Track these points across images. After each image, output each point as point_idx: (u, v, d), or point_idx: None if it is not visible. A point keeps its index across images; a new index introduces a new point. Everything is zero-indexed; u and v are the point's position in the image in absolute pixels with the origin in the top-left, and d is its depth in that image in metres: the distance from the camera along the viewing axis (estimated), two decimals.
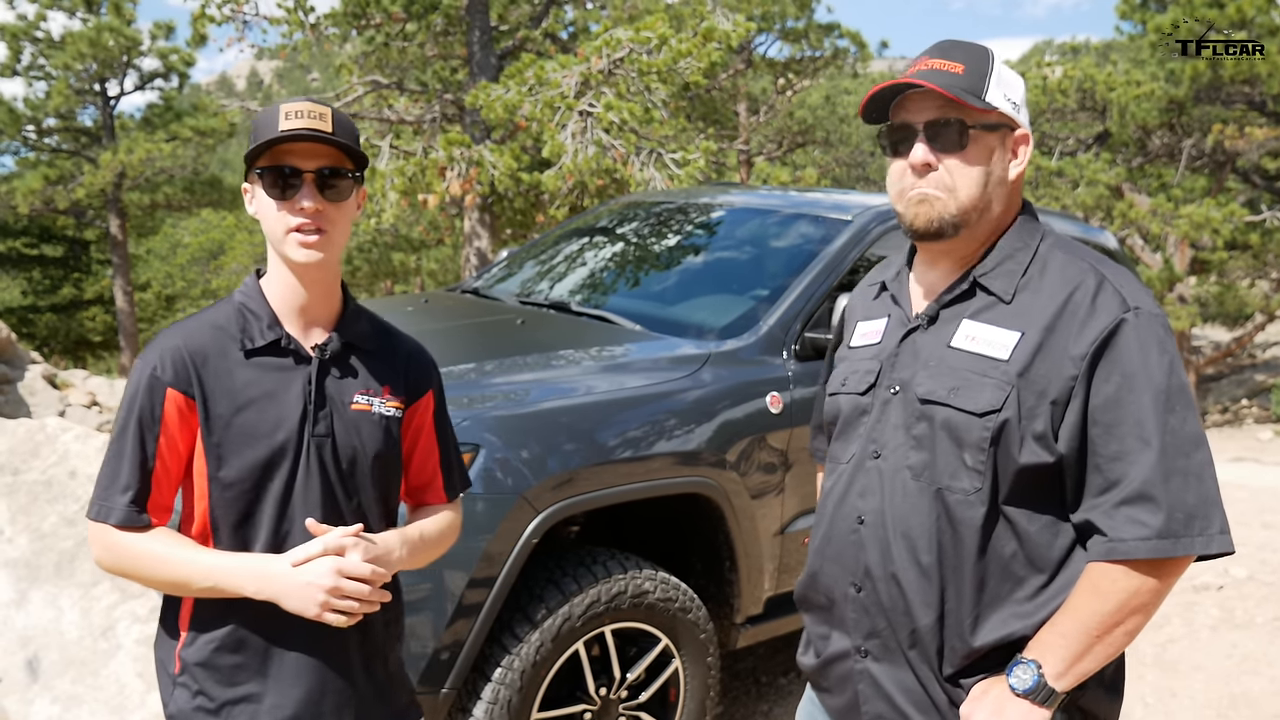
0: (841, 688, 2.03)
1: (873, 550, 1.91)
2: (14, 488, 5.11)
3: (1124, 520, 1.73)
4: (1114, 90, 17.29)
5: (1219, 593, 6.24)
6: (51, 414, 8.55)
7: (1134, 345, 1.75)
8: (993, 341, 1.82)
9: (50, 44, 24.01)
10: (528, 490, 3.33)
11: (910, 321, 1.97)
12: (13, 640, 4.38)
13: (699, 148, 12.66)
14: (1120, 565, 1.74)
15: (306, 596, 1.89)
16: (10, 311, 27.54)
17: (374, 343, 2.12)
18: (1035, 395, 1.77)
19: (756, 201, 5.38)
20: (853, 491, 1.97)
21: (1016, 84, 1.90)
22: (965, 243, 1.92)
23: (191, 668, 1.98)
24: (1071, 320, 1.78)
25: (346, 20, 15.45)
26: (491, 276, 5.60)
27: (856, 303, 2.21)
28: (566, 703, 3.56)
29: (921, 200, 1.87)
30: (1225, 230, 15.59)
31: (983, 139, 1.85)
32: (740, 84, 26.09)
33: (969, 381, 1.82)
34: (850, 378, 2.06)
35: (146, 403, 1.91)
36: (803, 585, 2.12)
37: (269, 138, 1.88)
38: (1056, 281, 1.84)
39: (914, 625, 1.87)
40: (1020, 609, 1.84)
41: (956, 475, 1.83)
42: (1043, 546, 1.83)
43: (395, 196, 13.02)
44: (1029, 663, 1.78)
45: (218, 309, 2.02)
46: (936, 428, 1.85)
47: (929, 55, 1.90)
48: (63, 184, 23.78)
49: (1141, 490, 1.71)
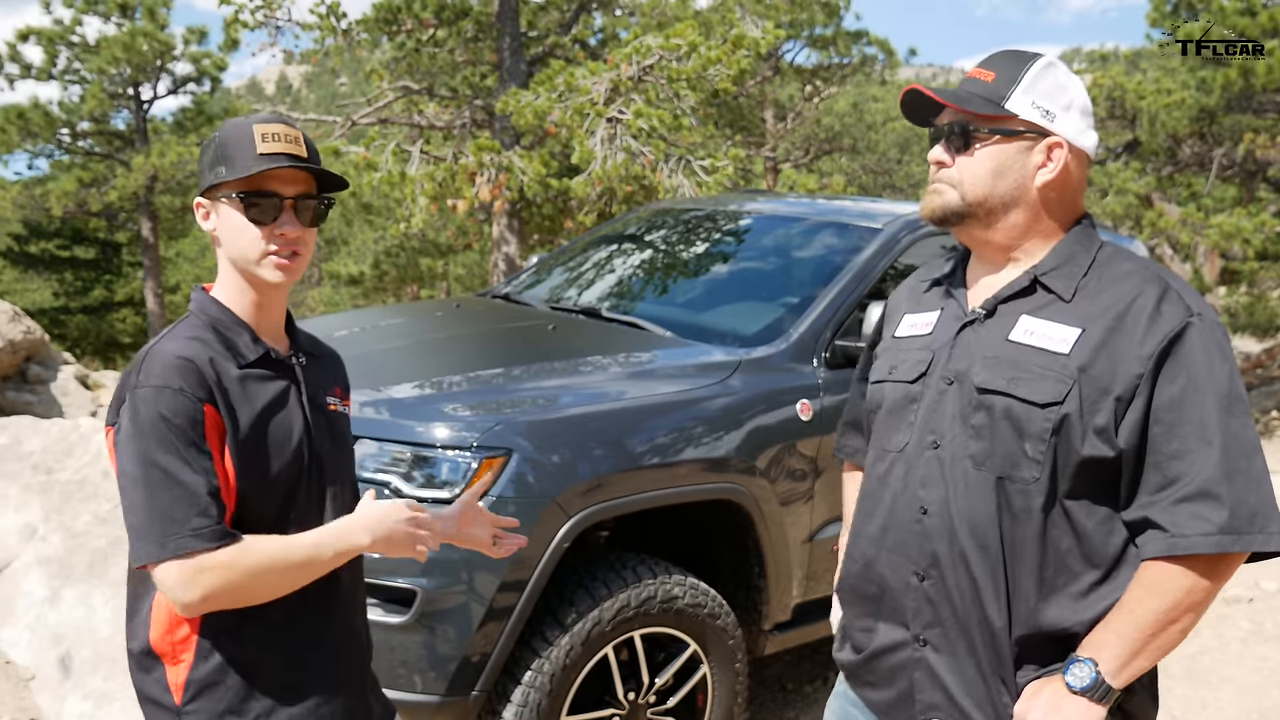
0: (891, 680, 2.04)
1: (940, 540, 1.93)
2: (48, 487, 5.17)
3: (1186, 516, 1.76)
4: (1144, 98, 17.17)
5: (1249, 605, 6.20)
6: (84, 414, 8.63)
7: (1199, 349, 1.81)
8: (1052, 336, 1.88)
9: (85, 48, 24.23)
10: (559, 495, 3.35)
11: (967, 315, 2.02)
12: (46, 638, 4.43)
13: (728, 155, 12.66)
14: (1178, 563, 1.77)
15: (406, 532, 1.97)
16: (42, 313, 27.77)
17: (314, 349, 2.17)
18: (1098, 390, 1.82)
19: (785, 209, 5.39)
20: (913, 481, 1.99)
21: (1063, 92, 1.95)
22: (999, 239, 2.00)
23: (210, 690, 1.92)
24: (1137, 320, 1.83)
25: (378, 26, 15.52)
26: (521, 282, 5.63)
27: (902, 297, 2.26)
28: (595, 706, 3.58)
29: (932, 191, 2.01)
30: (1256, 240, 15.45)
31: (993, 142, 1.94)
32: (768, 91, 26.07)
33: (1029, 373, 1.87)
34: (899, 366, 2.09)
35: (185, 422, 1.82)
36: (852, 575, 2.12)
37: (257, 167, 1.89)
38: (1120, 284, 1.89)
39: (983, 614, 1.90)
40: (1074, 604, 1.87)
41: (1017, 465, 1.86)
42: (1098, 543, 1.87)
43: (424, 201, 13.06)
44: (1086, 660, 1.81)
45: (186, 328, 1.97)
46: (996, 417, 1.89)
47: (978, 65, 2.02)
48: (96, 187, 24.00)
49: (1204, 487, 1.76)
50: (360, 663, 2.13)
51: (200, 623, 1.91)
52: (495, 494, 3.27)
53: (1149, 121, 17.40)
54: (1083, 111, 1.97)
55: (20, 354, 8.71)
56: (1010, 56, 1.98)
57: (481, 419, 3.41)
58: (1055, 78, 1.95)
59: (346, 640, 2.08)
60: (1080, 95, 1.97)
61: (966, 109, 1.93)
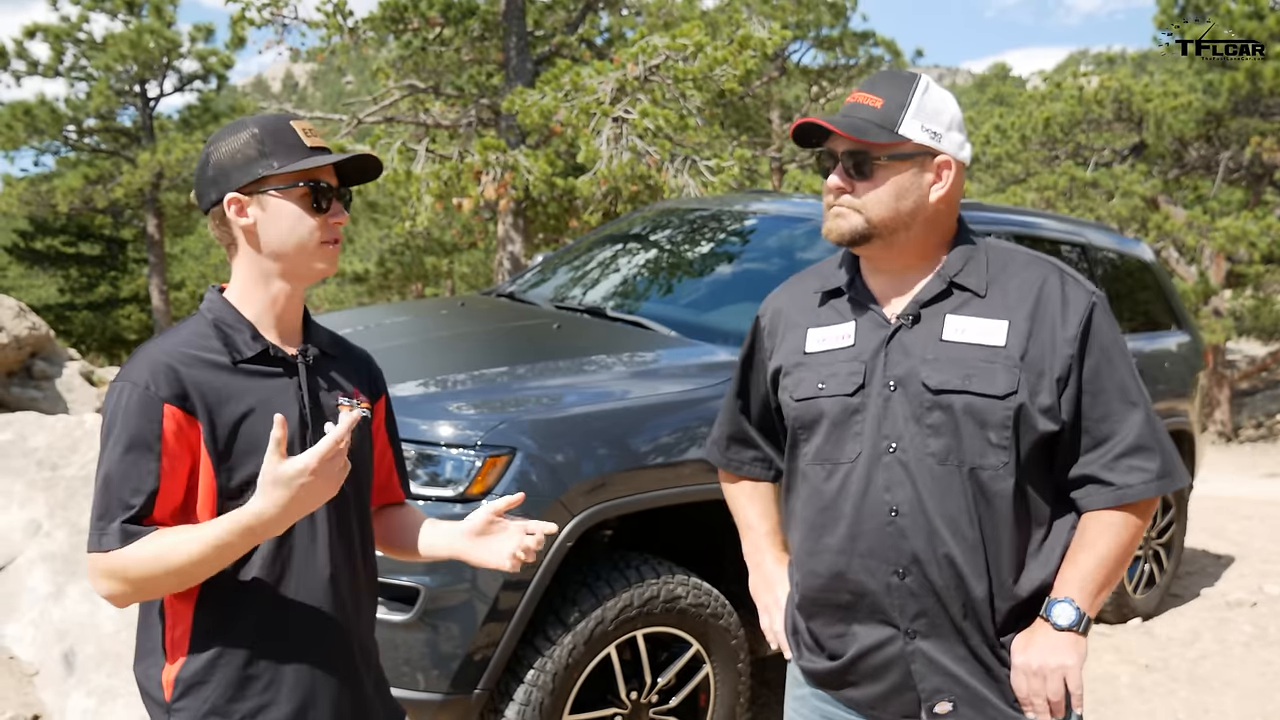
0: (880, 675, 2.14)
1: (916, 537, 2.05)
2: (52, 483, 5.17)
3: (1126, 469, 2.03)
4: (1150, 101, 17.17)
5: (1252, 609, 6.19)
6: (89, 410, 8.64)
7: (1104, 324, 2.05)
8: (984, 331, 2.05)
9: (92, 45, 24.30)
10: (563, 494, 3.35)
11: (890, 323, 2.12)
12: (50, 633, 4.44)
13: (734, 155, 12.66)
14: (1123, 509, 2.04)
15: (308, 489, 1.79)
16: (48, 309, 27.83)
17: (335, 349, 2.16)
18: (1035, 374, 2.01)
19: (790, 209, 5.38)
20: (874, 486, 2.08)
21: (942, 111, 2.09)
22: (898, 253, 2.13)
23: (198, 687, 1.92)
24: (1050, 307, 2.05)
25: (384, 25, 15.53)
26: (526, 281, 5.63)
27: (789, 310, 2.31)
28: (597, 706, 3.58)
29: (836, 216, 2.11)
30: (1262, 243, 15.44)
31: (892, 167, 2.06)
32: (774, 91, 26.07)
33: (979, 369, 2.02)
34: (829, 380, 2.15)
35: (142, 422, 1.83)
36: (818, 588, 2.18)
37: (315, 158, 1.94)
38: (1023, 277, 2.10)
39: (967, 596, 2.05)
40: (1037, 561, 2.09)
41: (984, 454, 2.02)
42: (1040, 504, 2.08)
43: (430, 200, 13.07)
44: (1065, 601, 2.04)
45: (190, 326, 1.98)
46: (958, 414, 2.03)
47: (859, 89, 2.13)
48: (102, 183, 24.07)
49: (1138, 442, 2.02)
50: (359, 666, 2.10)
51: (193, 621, 1.92)
52: (499, 493, 3.27)
53: (1155, 124, 17.38)
54: (959, 127, 2.12)
55: (25, 350, 8.73)
56: (893, 80, 2.10)
57: (486, 417, 3.42)
58: (935, 98, 2.09)
59: (342, 643, 2.05)
60: (955, 111, 2.12)
61: (864, 139, 2.03)
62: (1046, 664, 2.02)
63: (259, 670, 1.94)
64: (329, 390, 2.08)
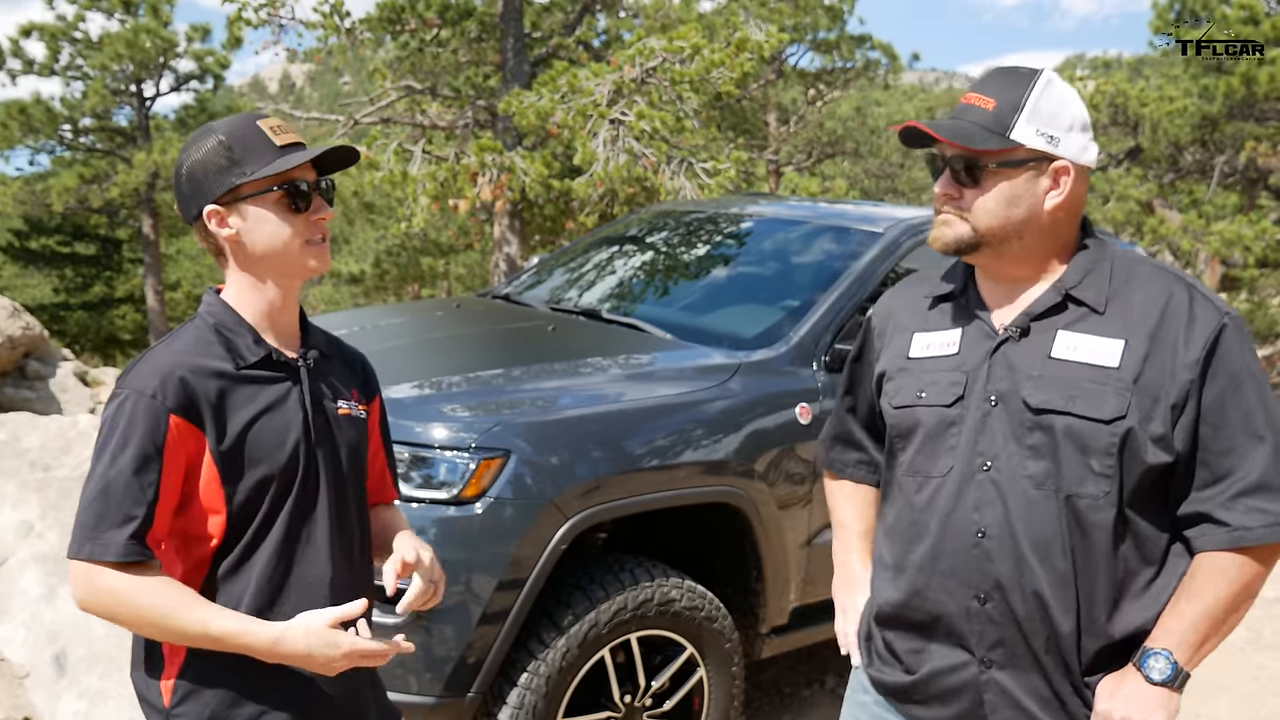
0: (950, 699, 2.03)
1: (1003, 563, 1.93)
2: (45, 484, 5.16)
3: (1244, 510, 1.84)
4: (1146, 105, 17.17)
5: (1247, 613, 6.19)
6: (82, 411, 8.62)
7: (1235, 348, 1.87)
8: (1097, 350, 1.90)
9: (88, 44, 24.26)
10: (557, 496, 3.34)
11: (998, 334, 2.01)
12: (41, 635, 4.43)
13: (730, 158, 12.65)
14: (1239, 553, 1.86)
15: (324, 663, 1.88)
16: (42, 309, 27.78)
17: (331, 350, 2.15)
18: (1150, 400, 1.86)
19: (787, 212, 5.38)
20: (963, 505, 1.97)
21: (1061, 113, 1.94)
22: (1010, 262, 2.01)
23: (198, 693, 1.92)
24: (1174, 327, 1.88)
25: (381, 25, 15.51)
26: (522, 283, 5.62)
27: (899, 313, 2.22)
28: (591, 709, 3.57)
29: (942, 223, 2.01)
30: (1257, 248, 15.44)
31: (1003, 174, 1.93)
32: (771, 94, 26.07)
33: (1086, 390, 1.88)
34: (929, 390, 2.06)
35: (147, 430, 1.82)
36: (896, 605, 2.10)
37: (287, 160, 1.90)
38: (1147, 291, 1.93)
39: (1052, 630, 1.92)
40: (1140, 602, 1.93)
41: (1084, 481, 1.88)
42: (1152, 541, 1.92)
43: (426, 201, 13.06)
44: (1161, 652, 1.88)
45: (189, 332, 1.97)
46: (1058, 436, 1.89)
47: (973, 88, 2.00)
48: (97, 183, 24.03)
49: (1261, 481, 1.84)
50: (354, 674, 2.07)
51: None
52: (493, 495, 3.27)
53: (1151, 128, 17.39)
54: (1083, 128, 1.97)
55: (19, 350, 8.71)
56: (1008, 78, 1.97)
57: (480, 420, 3.41)
58: (1054, 98, 1.94)
59: None
60: (1079, 111, 1.96)
61: (971, 147, 1.92)
62: (1130, 719, 1.88)
63: (259, 676, 1.93)
64: (329, 392, 2.08)
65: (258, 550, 1.93)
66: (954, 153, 1.96)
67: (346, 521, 2.06)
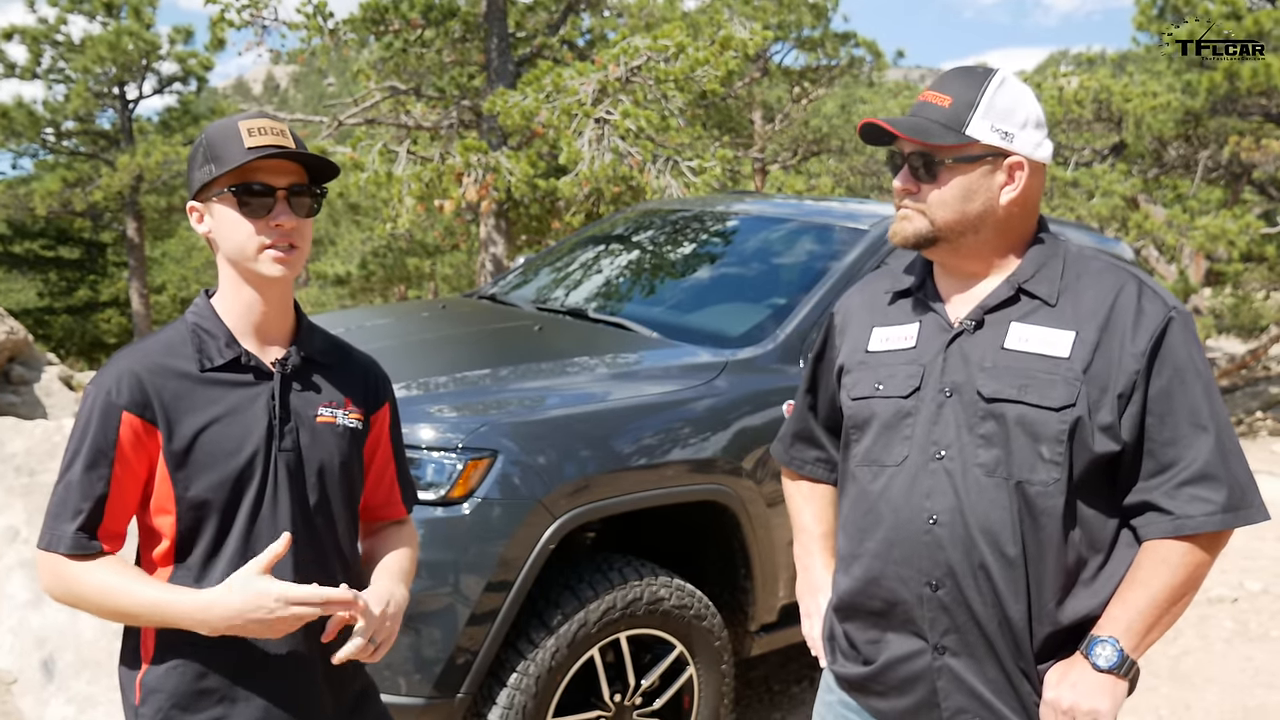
0: (907, 688, 2.06)
1: (954, 549, 1.97)
2: (30, 489, 5.14)
3: (1188, 499, 1.90)
4: (1130, 101, 17.22)
5: (1233, 605, 6.22)
6: (67, 415, 8.59)
7: (1180, 341, 1.93)
8: (1049, 341, 1.95)
9: (70, 47, 24.18)
10: (545, 496, 3.34)
11: (954, 327, 2.05)
12: (29, 641, 4.41)
13: (715, 156, 12.65)
14: (1184, 540, 1.90)
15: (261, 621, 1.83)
16: (27, 313, 27.67)
17: (330, 357, 2.12)
18: (1098, 390, 1.91)
19: (772, 210, 5.39)
20: (916, 493, 2.01)
21: (1016, 111, 2.00)
22: (966, 256, 2.06)
23: (153, 695, 1.93)
24: (1123, 319, 1.93)
25: (365, 26, 15.47)
26: (508, 283, 5.62)
27: (858, 309, 2.27)
28: (581, 708, 3.57)
29: (901, 218, 2.06)
30: (1241, 242, 15.50)
31: (959, 169, 1.99)
32: (756, 92, 26.07)
33: (1037, 380, 1.93)
34: (886, 382, 2.10)
35: (100, 428, 1.86)
36: (853, 593, 2.13)
37: (246, 159, 1.87)
38: (1099, 285, 1.99)
39: (1003, 616, 1.95)
40: (1089, 589, 1.97)
41: (1034, 469, 1.93)
42: (1098, 529, 1.97)
43: (411, 202, 13.03)
44: (1108, 640, 1.92)
45: (170, 331, 1.99)
46: (1010, 425, 1.94)
47: (930, 86, 2.06)
48: (80, 186, 23.95)
49: (1204, 470, 1.89)
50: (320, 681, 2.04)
51: (156, 629, 1.93)
52: (481, 496, 3.27)
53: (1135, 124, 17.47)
54: (1037, 124, 2.02)
55: (4, 355, 8.67)
56: (964, 77, 2.02)
57: (467, 420, 3.40)
58: (1009, 95, 2.00)
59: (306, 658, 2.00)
60: (1033, 108, 2.02)
61: (929, 141, 1.97)
62: (1078, 706, 1.90)
63: (213, 684, 1.93)
64: (311, 399, 2.04)
65: (214, 560, 1.93)
66: (912, 148, 2.02)
67: (314, 537, 2.01)
